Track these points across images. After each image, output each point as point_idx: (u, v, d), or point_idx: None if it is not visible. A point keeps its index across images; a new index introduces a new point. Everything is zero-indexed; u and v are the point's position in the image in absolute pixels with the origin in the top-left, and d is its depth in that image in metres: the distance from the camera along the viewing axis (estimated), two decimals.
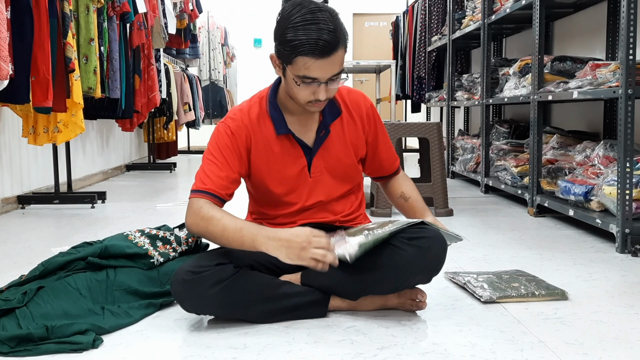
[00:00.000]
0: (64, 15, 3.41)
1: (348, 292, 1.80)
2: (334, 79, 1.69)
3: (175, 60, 7.30)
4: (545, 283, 2.07)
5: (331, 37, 1.62)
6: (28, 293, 1.84)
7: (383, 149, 1.98)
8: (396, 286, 1.79)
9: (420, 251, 1.70)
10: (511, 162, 4.12)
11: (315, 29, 1.62)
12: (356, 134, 1.90)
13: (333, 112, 1.85)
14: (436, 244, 1.73)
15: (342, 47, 1.67)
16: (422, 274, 1.76)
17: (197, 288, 1.67)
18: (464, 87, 5.58)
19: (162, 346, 1.61)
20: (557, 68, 3.56)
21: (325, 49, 1.62)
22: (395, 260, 1.71)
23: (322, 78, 1.66)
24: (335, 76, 1.69)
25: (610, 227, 2.71)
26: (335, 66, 1.67)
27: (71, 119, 3.72)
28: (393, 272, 1.73)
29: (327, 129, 1.85)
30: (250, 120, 1.82)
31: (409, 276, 1.75)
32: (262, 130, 1.82)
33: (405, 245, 1.71)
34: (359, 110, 1.90)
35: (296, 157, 1.84)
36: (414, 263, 1.71)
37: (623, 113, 2.60)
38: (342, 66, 1.70)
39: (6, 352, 1.54)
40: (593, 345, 1.60)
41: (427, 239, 1.72)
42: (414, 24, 7.51)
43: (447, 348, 1.58)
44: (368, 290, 1.79)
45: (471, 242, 2.86)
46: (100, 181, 5.71)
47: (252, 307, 1.72)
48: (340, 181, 1.90)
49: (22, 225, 3.46)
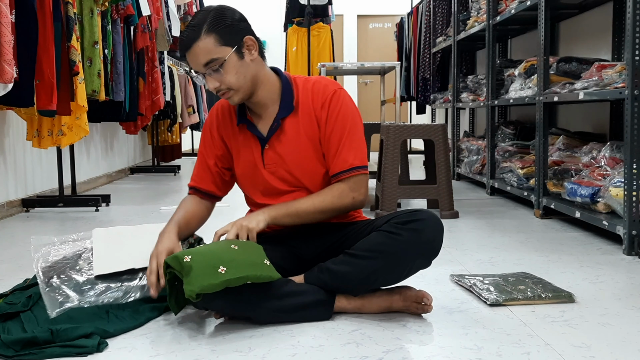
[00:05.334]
0: (68, 19, 3.42)
1: (350, 286, 1.78)
2: (213, 69, 1.77)
3: (179, 63, 7.31)
4: (551, 285, 2.06)
5: (189, 31, 1.76)
6: (33, 297, 1.84)
7: (331, 141, 1.86)
8: (397, 274, 1.77)
9: (415, 233, 1.71)
10: (517, 163, 4.11)
11: (185, 29, 1.80)
12: (311, 127, 1.88)
13: (287, 107, 1.89)
14: (431, 225, 1.73)
15: (203, 38, 1.75)
16: (421, 258, 1.75)
17: None
18: (469, 89, 5.57)
19: (166, 350, 1.61)
20: (562, 69, 3.55)
21: (183, 44, 1.78)
22: (391, 246, 1.71)
23: (196, 70, 1.80)
24: (209, 66, 1.77)
25: (617, 229, 2.69)
26: (200, 57, 1.76)
27: (75, 122, 3.73)
28: (391, 259, 1.72)
29: (279, 122, 1.88)
30: (222, 113, 1.97)
31: (407, 261, 1.74)
32: (232, 121, 1.96)
33: (400, 229, 1.72)
34: (316, 103, 1.89)
35: (253, 147, 1.92)
36: (410, 246, 1.71)
37: (629, 114, 2.59)
38: (215, 55, 1.76)
39: (11, 356, 1.53)
40: (600, 348, 1.59)
41: (421, 221, 1.73)
42: (418, 26, 7.50)
43: (453, 351, 1.57)
44: (369, 281, 1.76)
45: (477, 245, 2.85)
46: (104, 184, 5.72)
47: (257, 303, 1.72)
48: (299, 176, 1.90)
49: (26, 229, 3.47)
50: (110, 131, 6.09)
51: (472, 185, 5.34)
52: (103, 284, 1.87)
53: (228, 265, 1.61)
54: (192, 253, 1.65)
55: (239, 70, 1.79)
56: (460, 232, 3.21)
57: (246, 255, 1.67)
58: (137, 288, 1.88)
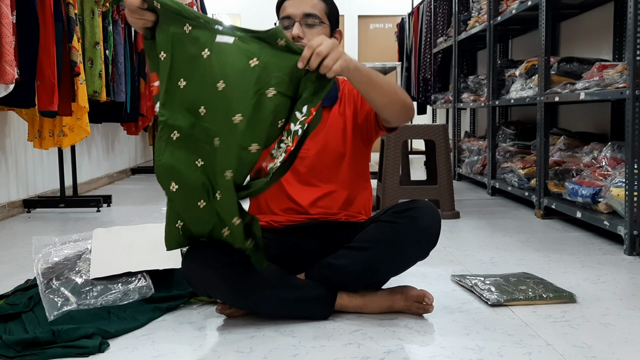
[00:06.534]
0: (69, 19, 3.42)
1: (350, 278, 1.79)
2: (310, 24, 1.77)
3: None
4: (553, 286, 2.06)
5: None
6: (34, 297, 1.85)
7: (366, 105, 1.90)
8: (395, 265, 1.80)
9: (411, 222, 1.73)
10: (518, 164, 4.10)
11: None
12: (351, 109, 1.92)
13: (331, 96, 1.89)
14: (428, 213, 1.75)
15: None
16: (418, 246, 1.76)
17: (208, 267, 1.68)
18: (470, 89, 5.57)
19: (168, 350, 1.61)
20: (563, 69, 3.55)
21: None
22: (388, 234, 1.73)
23: (294, 15, 1.78)
24: (309, 19, 1.77)
25: (618, 229, 2.69)
26: (308, 6, 1.78)
27: (76, 123, 3.73)
28: (389, 247, 1.73)
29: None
30: None
31: (405, 249, 1.75)
32: None
33: (397, 218, 1.74)
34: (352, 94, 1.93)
35: None
36: (407, 235, 1.73)
37: (630, 114, 2.59)
38: (320, 14, 1.79)
39: (13, 357, 1.54)
40: (601, 348, 1.59)
41: (417, 209, 1.75)
42: (419, 26, 7.50)
43: (454, 352, 1.57)
44: (369, 272, 1.77)
45: (478, 245, 2.85)
46: (105, 185, 5.72)
47: (260, 292, 1.72)
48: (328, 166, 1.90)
49: (27, 229, 3.47)
50: (111, 132, 6.09)
51: (473, 185, 5.34)
52: (101, 286, 1.88)
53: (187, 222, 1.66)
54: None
55: None
56: (461, 232, 3.21)
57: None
58: (135, 290, 1.89)
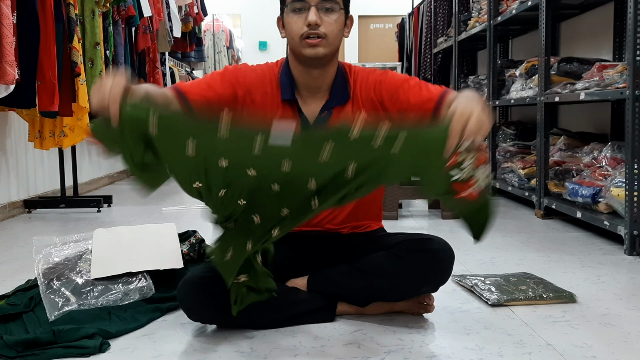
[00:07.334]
0: (69, 20, 3.43)
1: (355, 300, 1.80)
2: (328, 8, 1.64)
3: (181, 64, 7.31)
4: (553, 286, 2.06)
5: None
6: (35, 298, 1.85)
7: (412, 97, 1.68)
8: (403, 296, 1.79)
9: (427, 262, 1.70)
10: (518, 164, 4.10)
11: None
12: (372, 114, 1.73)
13: (341, 96, 1.73)
14: (444, 256, 1.72)
15: None
16: (428, 284, 1.76)
17: (205, 296, 1.66)
18: (470, 89, 5.57)
19: (168, 350, 1.61)
20: (563, 69, 3.55)
21: None
22: (399, 270, 1.70)
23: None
24: (328, 3, 1.64)
25: (618, 229, 2.69)
26: None
27: (77, 123, 3.73)
28: (400, 283, 1.72)
29: (330, 110, 1.73)
30: (257, 77, 1.74)
31: (416, 286, 1.74)
32: (267, 91, 1.73)
33: (412, 255, 1.70)
34: (369, 85, 1.74)
35: None
36: (422, 274, 1.71)
37: (630, 114, 2.59)
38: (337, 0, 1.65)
39: (13, 357, 1.54)
40: (601, 348, 1.59)
41: (432, 251, 1.71)
42: (419, 26, 7.50)
43: (454, 351, 1.57)
44: (374, 298, 1.79)
45: (478, 245, 2.84)
46: (106, 185, 5.72)
47: (259, 315, 1.71)
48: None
49: (28, 230, 3.47)
50: None
51: None
52: (102, 286, 1.88)
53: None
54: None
55: (340, 28, 1.69)
56: (461, 232, 3.19)
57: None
58: (136, 290, 1.89)
